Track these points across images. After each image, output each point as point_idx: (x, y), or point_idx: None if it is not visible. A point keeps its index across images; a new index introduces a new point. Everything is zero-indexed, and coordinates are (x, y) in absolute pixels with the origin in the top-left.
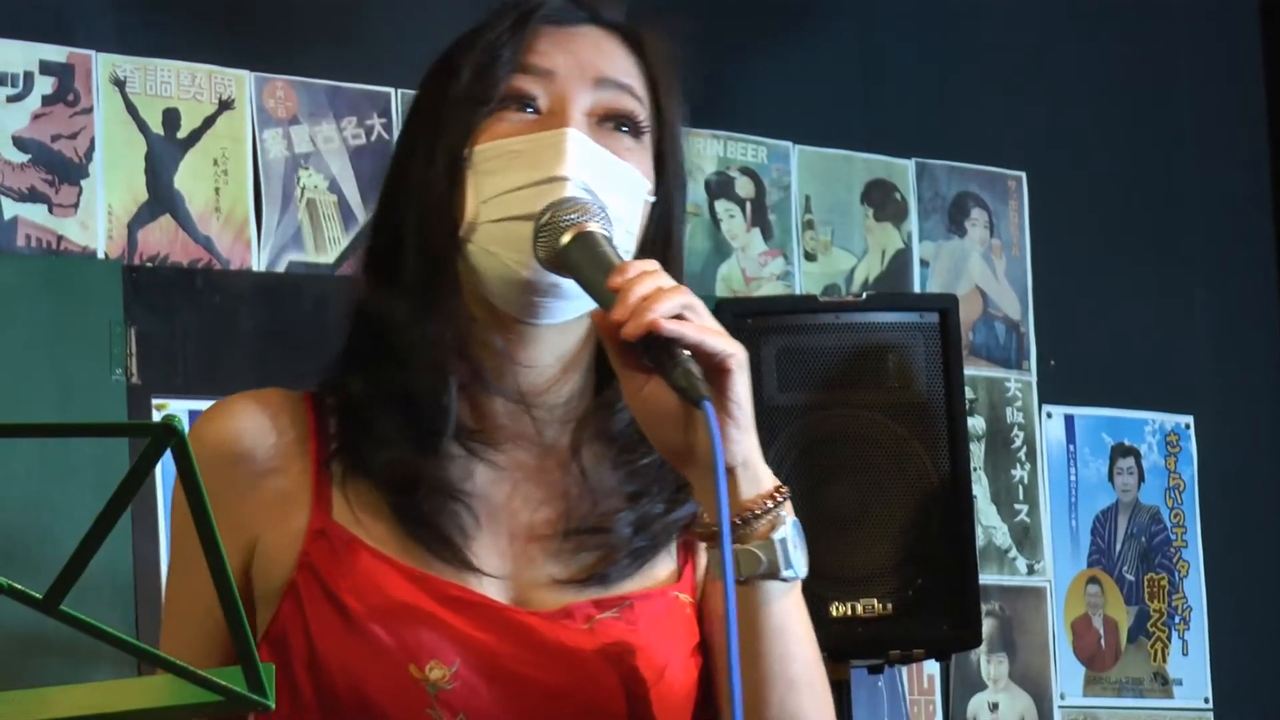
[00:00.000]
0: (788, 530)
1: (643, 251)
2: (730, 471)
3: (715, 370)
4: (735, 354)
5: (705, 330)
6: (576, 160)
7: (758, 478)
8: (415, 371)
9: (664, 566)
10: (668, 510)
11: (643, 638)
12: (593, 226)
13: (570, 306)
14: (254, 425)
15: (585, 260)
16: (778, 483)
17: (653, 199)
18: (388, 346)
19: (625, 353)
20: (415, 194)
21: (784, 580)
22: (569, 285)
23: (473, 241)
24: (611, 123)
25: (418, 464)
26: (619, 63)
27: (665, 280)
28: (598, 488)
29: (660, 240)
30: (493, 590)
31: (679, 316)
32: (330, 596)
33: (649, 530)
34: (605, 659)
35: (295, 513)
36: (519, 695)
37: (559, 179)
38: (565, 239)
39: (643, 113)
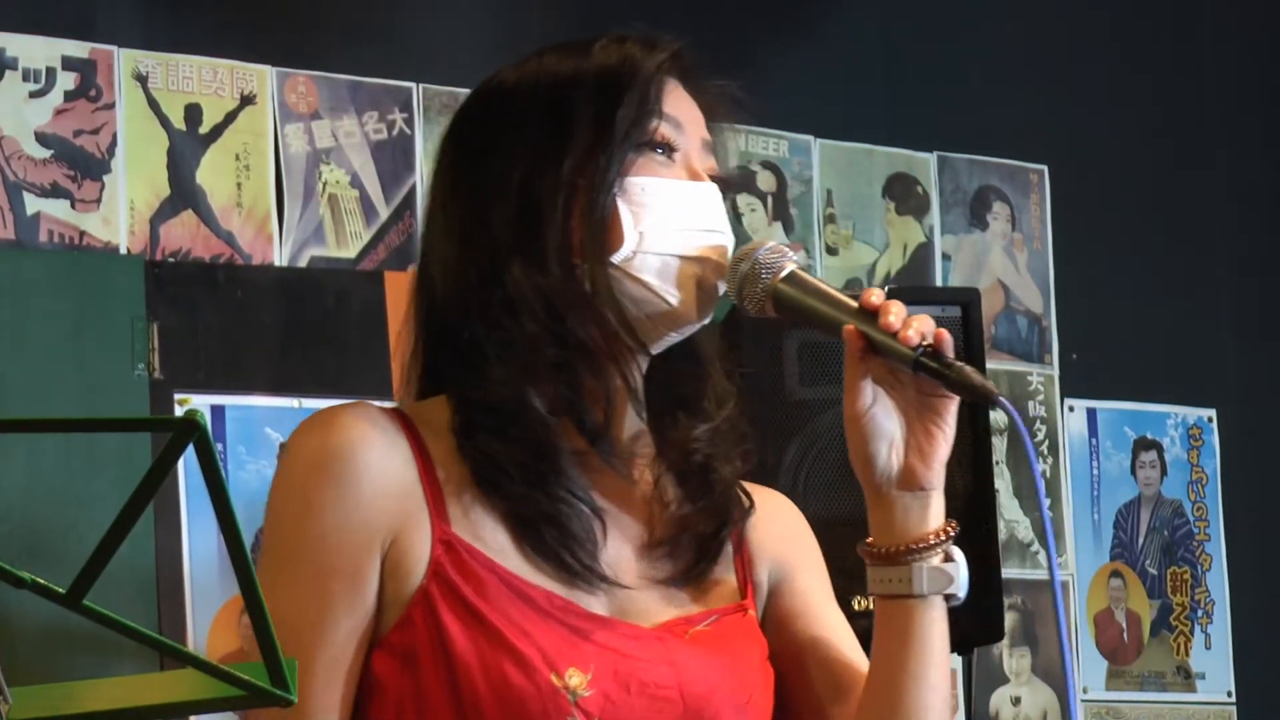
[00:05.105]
0: (960, 555)
1: None
2: (927, 494)
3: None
4: None
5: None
6: (721, 215)
7: (942, 506)
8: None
9: (728, 584)
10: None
11: (739, 644)
12: (794, 264)
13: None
14: (373, 433)
15: (809, 293)
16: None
17: None
18: (502, 363)
19: (868, 368)
20: (559, 216)
21: (959, 599)
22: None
23: (629, 266)
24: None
25: (545, 502)
26: (705, 126)
27: None
28: (673, 505)
29: None
30: (600, 608)
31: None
32: (469, 608)
33: (720, 524)
34: (720, 664)
35: (419, 520)
36: (651, 700)
37: (717, 231)
38: (778, 282)
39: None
